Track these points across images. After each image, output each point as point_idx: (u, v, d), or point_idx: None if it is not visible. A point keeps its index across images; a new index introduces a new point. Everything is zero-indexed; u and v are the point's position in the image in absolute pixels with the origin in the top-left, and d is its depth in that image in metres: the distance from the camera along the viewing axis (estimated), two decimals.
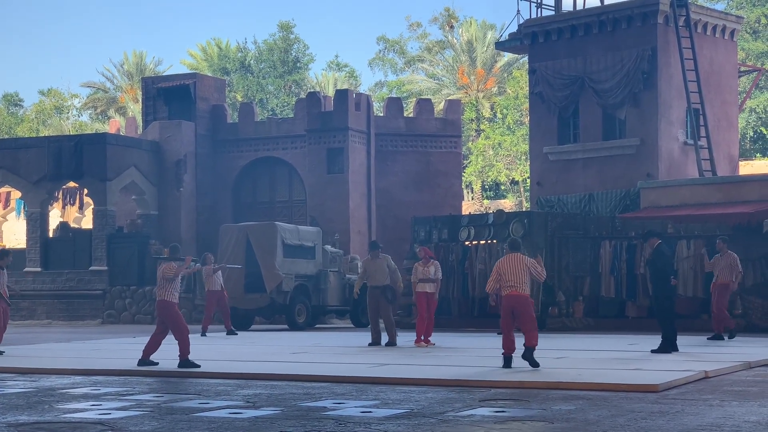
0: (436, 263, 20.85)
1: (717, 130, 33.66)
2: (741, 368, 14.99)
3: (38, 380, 14.16)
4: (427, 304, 20.45)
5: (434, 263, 20.73)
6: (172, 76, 43.74)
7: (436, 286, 20.66)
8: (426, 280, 20.48)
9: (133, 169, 37.54)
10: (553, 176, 33.97)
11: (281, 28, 70.63)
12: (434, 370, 14.68)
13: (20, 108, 78.91)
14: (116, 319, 35.19)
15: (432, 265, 20.58)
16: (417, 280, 20.55)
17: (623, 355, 17.36)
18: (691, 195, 29.08)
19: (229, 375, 14.45)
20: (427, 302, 20.46)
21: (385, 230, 38.84)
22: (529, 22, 34.72)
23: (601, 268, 26.82)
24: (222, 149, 40.72)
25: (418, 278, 20.54)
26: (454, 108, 42.55)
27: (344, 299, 30.31)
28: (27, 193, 37.57)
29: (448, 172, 41.31)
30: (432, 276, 20.51)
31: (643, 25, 32.50)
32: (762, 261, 25.72)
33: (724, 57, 34.71)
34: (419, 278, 20.52)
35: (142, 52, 74.00)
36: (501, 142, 55.29)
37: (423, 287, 20.49)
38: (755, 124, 53.95)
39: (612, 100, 32.80)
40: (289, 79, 69.86)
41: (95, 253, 36.00)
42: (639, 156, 32.34)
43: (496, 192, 61.06)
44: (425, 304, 20.44)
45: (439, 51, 67.12)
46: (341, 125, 38.50)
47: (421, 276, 20.52)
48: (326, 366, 15.48)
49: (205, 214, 39.62)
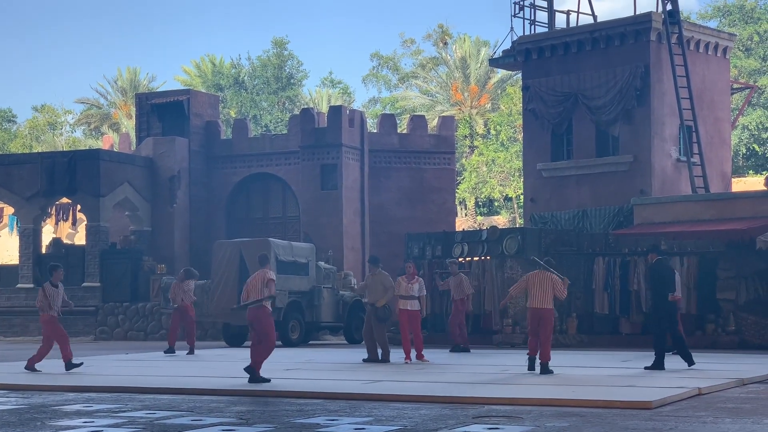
0: (421, 281, 20.83)
1: (710, 147, 33.73)
2: (734, 385, 14.99)
3: (30, 397, 14.11)
4: (408, 321, 20.35)
5: (419, 280, 20.67)
6: (166, 92, 43.76)
7: (419, 303, 20.71)
8: (408, 297, 20.38)
9: (127, 185, 37.50)
10: (547, 193, 33.99)
11: (275, 44, 70.75)
12: (428, 386, 14.66)
13: (14, 124, 78.86)
14: (109, 335, 35.10)
15: (416, 282, 20.52)
16: (398, 295, 20.45)
17: (617, 371, 17.35)
18: (684, 212, 29.12)
19: (221, 391, 14.41)
20: (408, 319, 20.34)
21: (378, 246, 38.81)
22: (523, 38, 34.80)
23: (595, 284, 26.82)
24: (215, 165, 40.71)
25: (400, 293, 20.44)
26: (448, 124, 42.60)
27: (338, 316, 30.26)
28: (20, 209, 37.50)
29: (441, 189, 41.34)
30: (415, 293, 20.46)
31: (636, 43, 32.59)
32: (755, 278, 25.73)
33: (716, 74, 34.80)
34: (401, 294, 20.41)
35: (136, 68, 74.13)
36: (494, 158, 55.36)
37: (404, 304, 20.38)
38: (748, 141, 54.09)
39: (605, 117, 32.85)
40: (283, 95, 69.93)
41: (88, 269, 35.91)
42: (632, 173, 32.38)
43: (490, 208, 61.09)
44: (407, 321, 20.34)
45: (432, 67, 67.24)
46: (335, 141, 38.52)
47: (404, 293, 20.41)
48: (319, 382, 15.44)
49: (199, 231, 39.58)
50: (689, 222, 28.32)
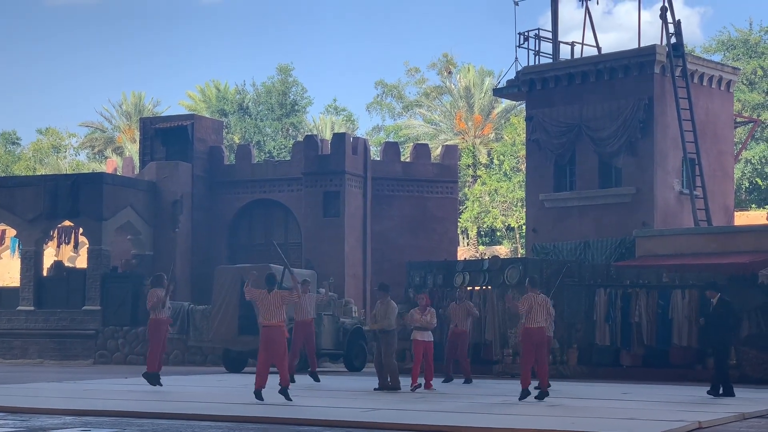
0: (433, 311, 20.99)
1: (713, 180, 33.74)
2: (735, 419, 14.93)
3: (29, 420, 14.06)
4: (424, 352, 20.46)
5: (431, 311, 20.84)
6: (170, 117, 43.81)
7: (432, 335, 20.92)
8: (422, 328, 20.55)
9: (129, 209, 37.50)
10: (549, 223, 33.99)
11: (280, 71, 70.96)
12: (427, 415, 14.61)
13: (18, 146, 79.00)
14: (108, 359, 35.01)
15: (429, 313, 20.65)
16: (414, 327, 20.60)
17: (617, 404, 17.29)
18: (686, 244, 29.09)
19: (221, 417, 14.36)
20: (424, 350, 20.48)
21: (380, 274, 38.74)
22: (527, 69, 34.89)
23: (596, 315, 26.76)
24: (218, 190, 40.73)
25: (414, 325, 20.60)
26: (451, 153, 42.65)
27: (338, 343, 30.16)
28: (22, 232, 37.48)
29: (444, 218, 41.33)
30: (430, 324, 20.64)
31: (640, 75, 32.66)
32: (757, 312, 25.66)
33: (720, 108, 34.86)
34: (416, 326, 20.57)
35: (140, 92, 74.25)
36: (497, 188, 55.39)
37: (421, 335, 20.54)
38: (750, 174, 54.10)
39: (609, 149, 32.89)
40: (287, 121, 70.06)
41: (89, 292, 35.84)
42: (635, 204, 32.39)
43: (492, 238, 61.06)
44: (422, 352, 20.44)
45: (436, 96, 67.40)
46: (338, 169, 38.55)
47: (418, 324, 20.58)
48: (319, 410, 15.40)
49: (200, 255, 39.55)
50: (691, 255, 28.28)
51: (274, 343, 16.61)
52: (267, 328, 16.74)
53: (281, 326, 16.68)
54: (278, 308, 16.64)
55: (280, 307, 16.66)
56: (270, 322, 16.68)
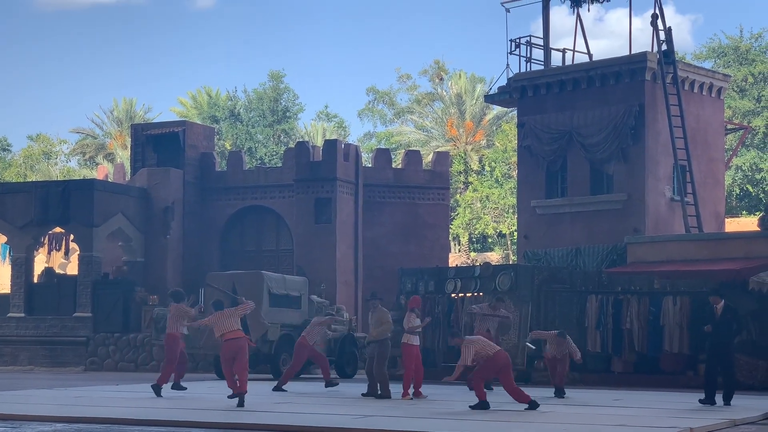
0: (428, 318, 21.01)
1: (703, 187, 33.79)
2: (726, 426, 14.95)
3: (19, 427, 14.03)
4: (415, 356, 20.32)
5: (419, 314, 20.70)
6: (161, 123, 43.79)
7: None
8: (413, 332, 20.36)
9: (121, 215, 37.45)
10: (541, 230, 34.01)
11: (271, 77, 70.95)
12: (417, 422, 14.61)
13: (8, 153, 78.83)
14: (99, 366, 34.95)
15: (418, 317, 20.50)
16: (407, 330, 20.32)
17: (609, 411, 17.30)
18: (677, 251, 29.13)
19: (211, 425, 14.35)
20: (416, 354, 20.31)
21: (371, 281, 38.73)
22: (519, 76, 34.94)
23: (587, 322, 26.76)
24: (210, 197, 40.69)
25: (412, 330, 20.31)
26: (443, 160, 42.68)
27: (329, 350, 30.15)
28: (12, 238, 37.43)
29: (435, 224, 41.34)
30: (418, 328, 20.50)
31: (631, 82, 32.72)
32: (747, 319, 25.66)
33: (711, 114, 34.93)
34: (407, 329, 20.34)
35: (132, 99, 74.17)
36: (489, 194, 55.43)
37: (412, 339, 20.28)
38: (741, 181, 54.22)
39: (600, 155, 32.94)
40: (279, 128, 70.05)
41: (80, 299, 35.79)
42: (626, 211, 32.42)
43: (483, 245, 61.09)
44: (414, 356, 20.25)
45: (428, 103, 67.43)
46: (330, 175, 38.54)
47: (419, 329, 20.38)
48: (310, 416, 15.38)
49: (192, 262, 39.48)
50: (682, 261, 28.32)
51: (236, 353, 17.42)
52: (228, 342, 17.46)
53: (240, 336, 17.52)
54: (231, 317, 17.50)
55: (231, 316, 17.51)
56: (229, 336, 17.45)
